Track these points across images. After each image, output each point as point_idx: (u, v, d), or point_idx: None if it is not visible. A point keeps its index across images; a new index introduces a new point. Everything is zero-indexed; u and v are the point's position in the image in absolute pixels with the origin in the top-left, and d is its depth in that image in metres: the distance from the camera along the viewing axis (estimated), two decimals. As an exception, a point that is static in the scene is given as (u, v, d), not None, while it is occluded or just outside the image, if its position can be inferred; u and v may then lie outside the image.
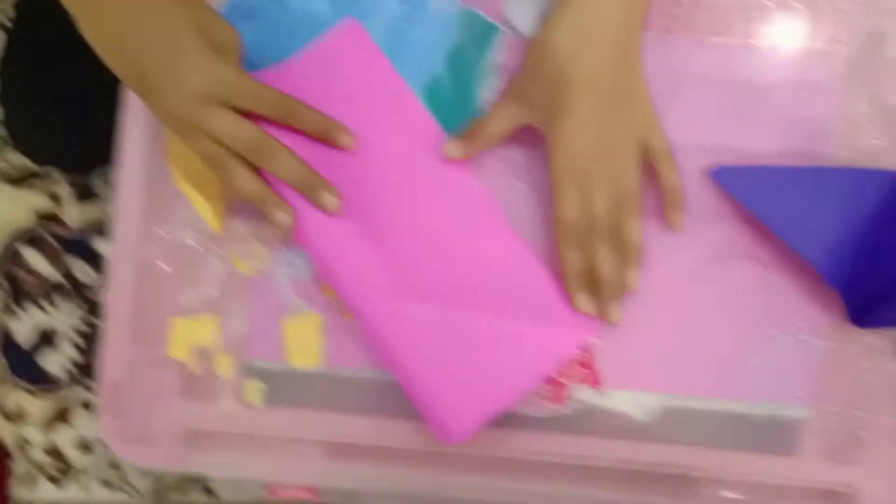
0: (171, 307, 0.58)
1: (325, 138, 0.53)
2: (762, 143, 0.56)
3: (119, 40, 0.50)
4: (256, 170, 0.52)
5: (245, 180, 0.52)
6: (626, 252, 0.54)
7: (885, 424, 0.55)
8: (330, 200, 0.53)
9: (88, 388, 1.01)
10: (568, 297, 0.54)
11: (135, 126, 0.58)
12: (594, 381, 0.56)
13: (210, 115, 0.50)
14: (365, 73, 0.56)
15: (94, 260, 1.03)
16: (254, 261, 0.57)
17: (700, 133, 0.56)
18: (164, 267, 0.58)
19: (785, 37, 0.57)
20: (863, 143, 0.56)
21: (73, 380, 1.00)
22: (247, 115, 0.51)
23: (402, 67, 0.57)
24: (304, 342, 0.57)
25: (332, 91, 0.55)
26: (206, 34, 0.50)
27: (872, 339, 0.55)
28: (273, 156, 0.51)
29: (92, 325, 1.02)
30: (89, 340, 1.02)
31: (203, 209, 0.56)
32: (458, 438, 0.53)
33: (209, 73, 0.49)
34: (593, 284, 0.54)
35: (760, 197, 0.55)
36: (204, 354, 0.57)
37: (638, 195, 0.53)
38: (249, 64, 0.56)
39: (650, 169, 0.54)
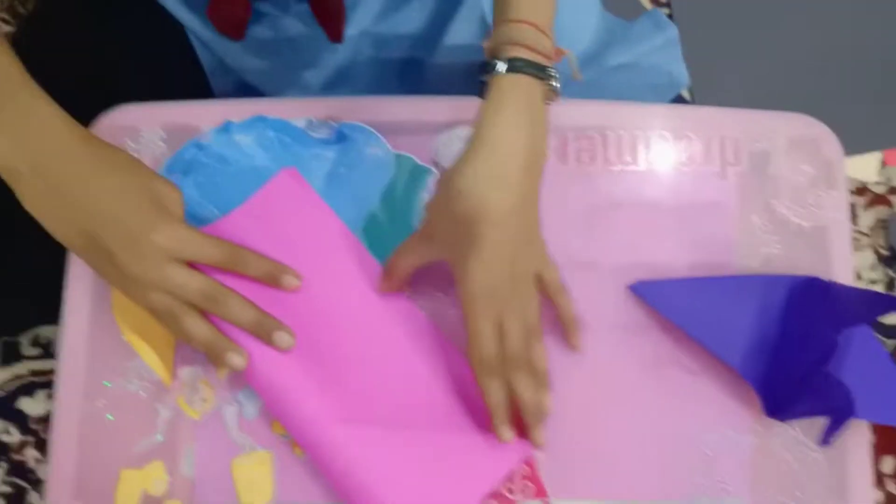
0: (118, 457, 0.57)
1: (271, 282, 0.56)
2: (673, 258, 0.61)
3: (69, 212, 0.52)
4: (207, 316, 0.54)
5: (199, 328, 0.53)
6: (538, 380, 0.56)
7: (812, 510, 0.58)
8: (285, 340, 0.55)
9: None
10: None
11: (80, 279, 0.59)
12: (540, 493, 0.58)
13: (164, 271, 0.52)
14: (305, 216, 0.59)
15: (18, 420, 1.01)
16: (200, 404, 0.58)
17: (618, 253, 0.61)
18: (110, 417, 0.58)
19: (683, 162, 0.63)
20: (760, 251, 0.62)
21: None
22: (196, 266, 0.53)
23: (340, 209, 0.60)
24: (255, 481, 0.57)
25: (275, 236, 0.58)
26: (155, 197, 0.53)
27: (788, 431, 0.59)
28: (227, 303, 0.54)
29: (14, 486, 0.99)
30: (11, 501, 0.98)
31: (152, 361, 0.57)
32: None
33: (164, 234, 0.52)
34: (514, 411, 0.56)
35: (678, 307, 0.59)
36: (152, 502, 0.57)
37: (539, 324, 0.56)
38: (193, 216, 0.59)
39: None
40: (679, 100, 0.78)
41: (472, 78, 0.71)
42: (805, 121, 0.64)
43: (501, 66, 0.52)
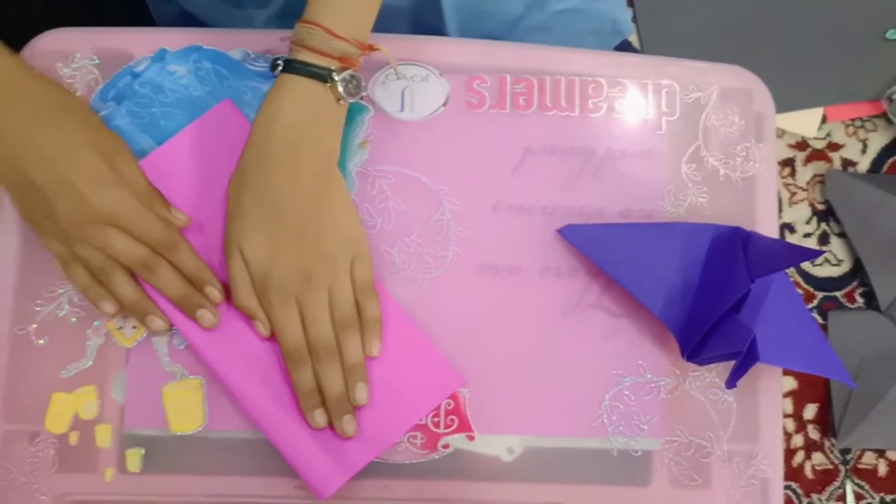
0: (49, 381, 0.58)
1: (192, 280, 0.57)
2: (603, 204, 0.63)
3: (10, 154, 0.52)
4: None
5: (128, 290, 0.56)
6: (348, 372, 0.57)
7: (722, 450, 0.61)
8: (207, 318, 0.56)
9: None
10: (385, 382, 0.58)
11: (11, 205, 0.59)
12: (464, 427, 0.60)
13: (103, 232, 0.54)
14: (239, 148, 0.59)
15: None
16: (131, 331, 0.59)
17: (549, 197, 0.62)
18: (40, 341, 0.58)
19: (618, 110, 0.64)
20: (689, 200, 0.64)
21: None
22: None
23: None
24: (185, 407, 0.58)
25: (209, 166, 0.58)
26: (106, 154, 0.53)
27: (705, 375, 0.62)
28: (158, 274, 0.56)
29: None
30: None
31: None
32: (329, 492, 0.56)
33: (112, 200, 0.53)
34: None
35: (603, 251, 0.61)
36: (82, 426, 0.58)
37: (353, 312, 0.57)
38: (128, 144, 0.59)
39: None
40: (626, 46, 0.78)
41: (415, 15, 0.71)
42: (738, 73, 0.66)
43: (279, 66, 0.55)
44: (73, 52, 0.61)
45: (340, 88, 0.55)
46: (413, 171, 0.62)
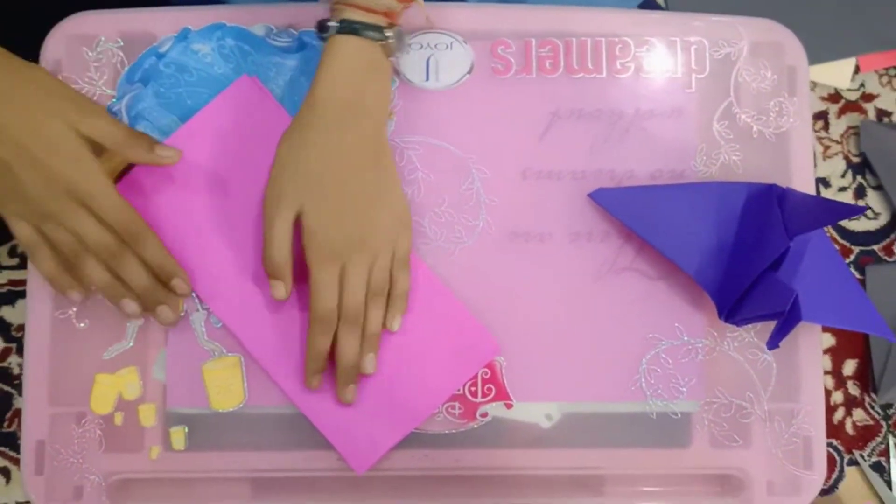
0: (92, 363, 0.59)
1: (160, 274, 0.57)
2: (634, 165, 0.62)
3: None
4: None
5: (100, 273, 0.55)
6: (366, 340, 0.57)
7: (762, 409, 0.60)
8: (166, 315, 0.57)
9: (1, 454, 0.99)
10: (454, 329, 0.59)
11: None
12: (502, 396, 0.60)
13: (73, 212, 0.53)
14: (263, 121, 0.59)
15: (0, 328, 1.02)
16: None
17: (579, 161, 0.62)
18: (81, 324, 0.59)
19: (645, 70, 0.63)
20: (722, 159, 0.63)
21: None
22: None
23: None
24: (226, 385, 0.59)
25: (234, 141, 0.59)
26: (71, 122, 0.52)
27: (743, 335, 0.61)
28: (123, 264, 0.55)
29: (0, 391, 1.01)
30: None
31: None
32: (367, 465, 0.57)
33: (80, 173, 0.52)
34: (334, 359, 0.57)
35: (636, 214, 0.60)
36: (126, 406, 0.59)
37: (385, 284, 0.57)
38: (154, 125, 0.59)
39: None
40: (652, 4, 0.77)
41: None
42: (769, 25, 0.64)
43: (333, 28, 0.54)
44: (97, 36, 0.61)
45: (392, 44, 0.55)
46: (441, 141, 0.61)
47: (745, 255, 0.58)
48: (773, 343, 0.55)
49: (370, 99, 0.55)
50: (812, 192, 0.63)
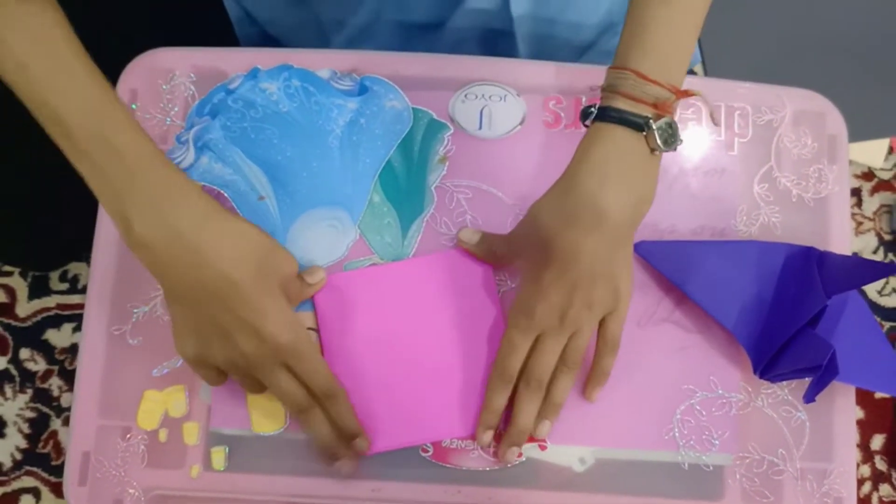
0: (141, 379, 0.61)
1: (345, 435, 0.58)
2: (676, 221, 0.64)
3: (194, 285, 0.52)
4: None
5: (322, 426, 0.58)
6: (547, 407, 0.59)
7: (795, 468, 0.61)
8: (346, 470, 0.59)
9: (33, 475, 1.01)
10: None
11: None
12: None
13: (274, 369, 0.55)
14: (472, 292, 0.62)
15: (44, 350, 1.05)
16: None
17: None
18: (134, 341, 0.61)
19: (690, 131, 0.65)
20: (762, 219, 0.65)
21: (18, 466, 1.00)
22: None
23: (359, 158, 0.63)
24: (268, 409, 0.61)
25: (437, 296, 0.62)
26: (283, 292, 0.56)
27: (777, 392, 0.62)
28: (311, 418, 0.58)
29: (38, 412, 1.03)
30: (34, 426, 1.02)
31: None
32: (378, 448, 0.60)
33: (293, 335, 0.54)
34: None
35: (678, 268, 0.62)
36: (171, 423, 0.60)
37: (578, 362, 0.58)
38: (219, 156, 0.62)
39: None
40: (689, 73, 0.80)
41: (488, 41, 0.74)
42: (811, 96, 0.67)
43: (594, 113, 0.54)
44: (172, 70, 0.65)
45: (657, 136, 0.53)
46: (490, 187, 0.64)
47: (782, 313, 0.60)
48: (810, 397, 0.55)
49: (627, 189, 0.53)
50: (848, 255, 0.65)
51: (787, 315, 0.59)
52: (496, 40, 0.75)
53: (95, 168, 0.50)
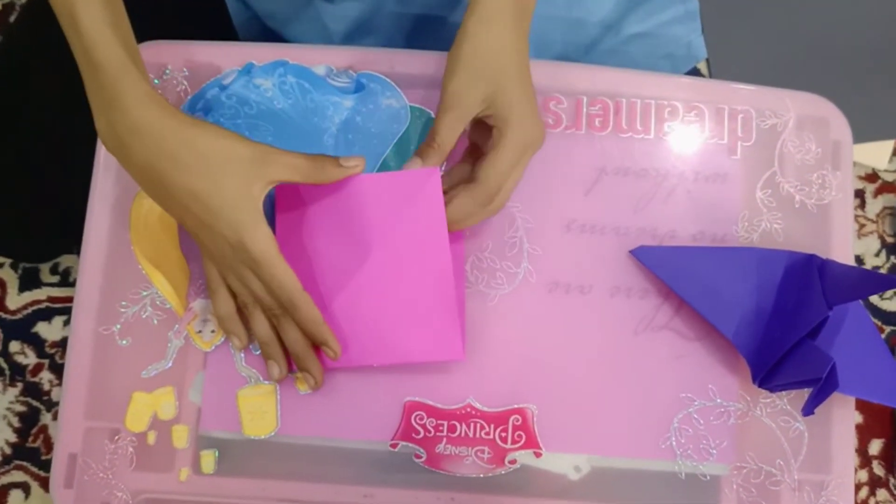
0: (130, 381, 0.60)
1: (312, 338, 0.58)
2: (677, 226, 0.63)
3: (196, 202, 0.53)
4: None
5: (263, 328, 0.58)
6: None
7: (792, 478, 0.60)
8: (311, 383, 0.59)
9: (22, 469, 1.00)
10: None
11: (102, 210, 0.61)
12: (532, 444, 0.60)
13: (244, 272, 0.55)
14: (417, 217, 0.59)
15: (34, 343, 1.04)
16: (209, 335, 0.61)
17: (623, 218, 0.63)
18: (123, 341, 0.60)
19: (693, 134, 0.64)
20: (763, 226, 0.63)
21: (7, 460, 0.99)
22: None
23: (354, 152, 0.62)
24: (259, 412, 0.60)
25: (383, 214, 0.58)
26: (257, 181, 0.54)
27: (776, 401, 0.61)
28: (284, 325, 0.57)
29: (28, 406, 1.02)
30: (25, 420, 1.02)
31: (166, 291, 0.60)
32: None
33: (248, 240, 0.54)
34: None
35: (677, 274, 0.61)
36: (160, 426, 0.59)
37: None
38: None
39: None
40: (694, 72, 0.79)
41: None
42: (815, 101, 0.65)
43: None
44: (165, 64, 0.64)
45: None
46: (488, 189, 0.63)
47: (782, 322, 0.59)
48: (809, 410, 0.55)
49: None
50: (851, 264, 0.63)
51: (787, 324, 0.58)
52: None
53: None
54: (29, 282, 1.03)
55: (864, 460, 1.08)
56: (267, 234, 0.54)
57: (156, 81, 0.63)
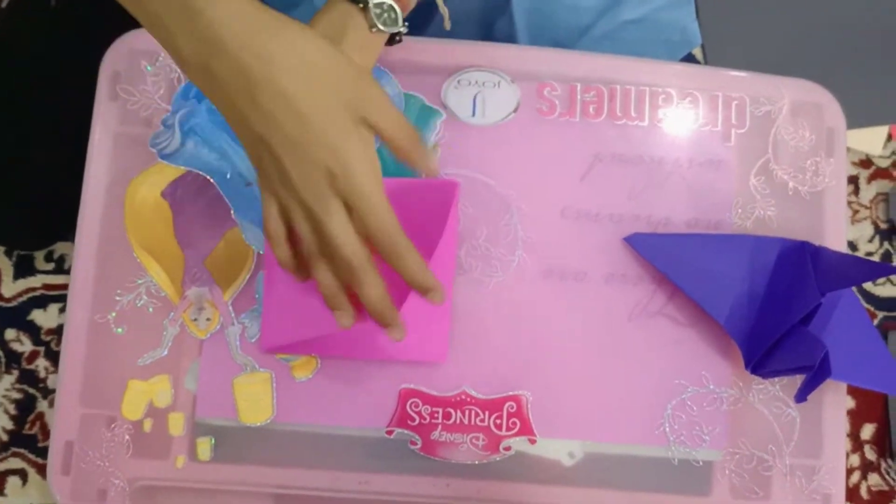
0: (126, 369, 0.60)
1: (421, 288, 0.51)
2: (671, 213, 0.63)
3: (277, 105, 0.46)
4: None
5: (327, 279, 0.51)
6: None
7: (784, 464, 0.61)
8: (396, 335, 0.52)
9: (19, 455, 1.00)
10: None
11: (96, 198, 0.61)
12: (526, 430, 0.60)
13: (329, 208, 0.47)
14: (431, 225, 0.58)
15: (30, 331, 1.04)
16: (205, 323, 0.61)
17: (617, 205, 0.63)
18: (118, 329, 0.60)
19: (687, 120, 0.64)
20: (757, 213, 0.64)
21: (4, 447, 0.99)
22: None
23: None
24: (255, 399, 0.60)
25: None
26: (364, 113, 0.48)
27: (769, 388, 0.61)
28: (366, 278, 0.50)
29: (24, 393, 1.02)
30: (20, 407, 1.02)
31: (161, 279, 0.60)
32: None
33: (357, 164, 0.47)
34: None
35: (670, 260, 0.61)
36: (156, 413, 0.60)
37: None
38: (206, 141, 0.61)
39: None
40: (689, 58, 0.79)
41: (485, 23, 0.72)
42: (809, 87, 0.65)
43: None
44: (157, 52, 0.63)
45: (373, 15, 0.53)
46: (483, 175, 0.63)
47: (775, 309, 0.59)
48: (802, 397, 0.55)
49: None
50: (844, 251, 0.64)
51: (780, 311, 0.58)
52: (494, 18, 0.74)
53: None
54: (24, 269, 1.03)
55: (856, 445, 1.09)
56: (378, 168, 0.48)
57: (148, 68, 0.63)
